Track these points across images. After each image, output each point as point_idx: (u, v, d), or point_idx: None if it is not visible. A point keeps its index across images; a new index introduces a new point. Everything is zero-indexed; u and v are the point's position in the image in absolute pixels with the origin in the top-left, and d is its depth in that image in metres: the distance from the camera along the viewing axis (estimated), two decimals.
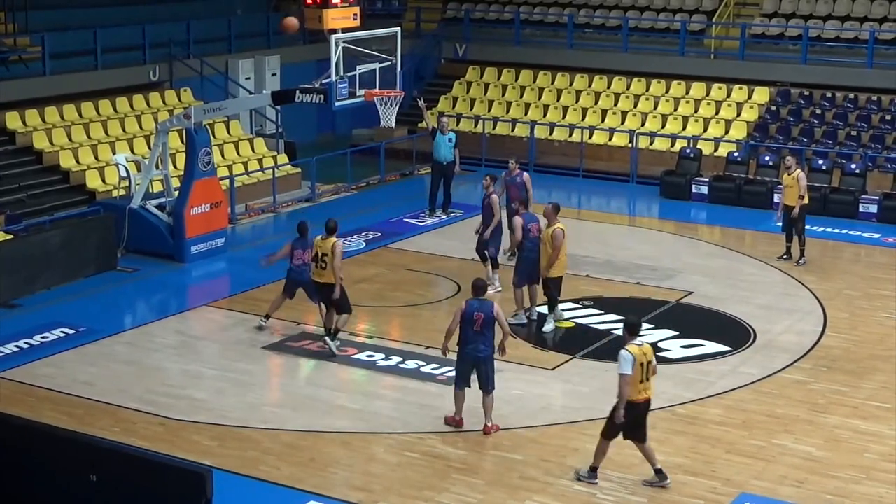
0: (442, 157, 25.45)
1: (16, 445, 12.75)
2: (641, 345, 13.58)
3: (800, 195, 22.05)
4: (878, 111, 29.40)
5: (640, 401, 13.52)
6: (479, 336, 15.00)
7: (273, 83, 30.66)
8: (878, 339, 18.81)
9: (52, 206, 23.80)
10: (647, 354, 13.50)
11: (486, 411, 15.22)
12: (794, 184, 22.11)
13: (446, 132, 25.62)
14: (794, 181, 22.12)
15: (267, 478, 14.02)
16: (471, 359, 15.12)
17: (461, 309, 15.03)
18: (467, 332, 15.00)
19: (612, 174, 29.61)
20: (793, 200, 22.13)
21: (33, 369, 17.25)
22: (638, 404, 13.52)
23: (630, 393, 13.37)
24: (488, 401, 15.21)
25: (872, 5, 31.65)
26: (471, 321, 14.95)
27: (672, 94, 31.56)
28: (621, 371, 13.33)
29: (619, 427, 13.61)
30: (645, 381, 13.47)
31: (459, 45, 34.58)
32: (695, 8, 33.65)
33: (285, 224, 25.86)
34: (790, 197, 22.22)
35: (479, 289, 15.15)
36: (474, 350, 15.06)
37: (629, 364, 13.30)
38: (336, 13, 21.67)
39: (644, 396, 13.55)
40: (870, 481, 14.07)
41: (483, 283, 15.41)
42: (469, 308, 14.98)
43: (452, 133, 25.92)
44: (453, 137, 25.67)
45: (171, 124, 23.19)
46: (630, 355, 13.33)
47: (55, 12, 28.35)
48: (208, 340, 18.86)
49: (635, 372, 13.32)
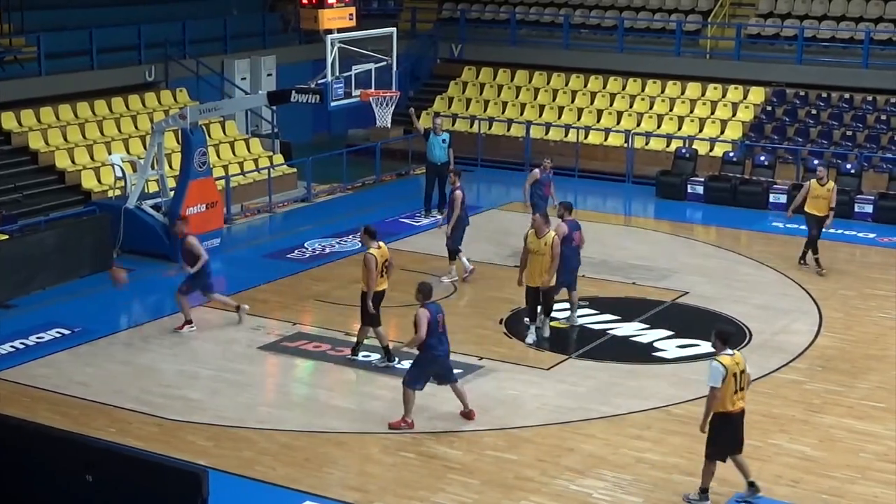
0: (436, 158, 25.43)
1: (11, 446, 12.74)
2: (733, 354, 13.14)
3: (831, 206, 21.89)
4: (873, 111, 29.44)
5: (735, 412, 13.12)
6: (443, 336, 15.18)
7: (269, 83, 30.66)
8: (874, 338, 18.84)
9: (47, 207, 23.79)
10: (739, 364, 13.07)
11: (463, 396, 15.51)
12: (827, 195, 21.86)
13: (440, 133, 25.60)
14: (828, 192, 21.86)
15: (262, 478, 14.02)
16: (441, 359, 15.23)
17: (427, 316, 14.95)
18: (435, 335, 15.04)
19: (607, 174, 29.63)
20: (824, 210, 21.86)
21: (29, 370, 17.24)
22: (734, 415, 13.13)
23: (725, 405, 12.97)
24: (459, 387, 15.52)
25: (868, 5, 31.69)
26: (437, 324, 15.03)
27: (668, 95, 31.59)
28: (711, 384, 12.91)
29: (724, 445, 13.20)
30: (739, 391, 13.05)
31: (455, 46, 34.60)
32: (690, 8, 33.69)
33: (281, 224, 25.89)
34: (820, 207, 21.84)
35: (429, 292, 15.19)
36: (444, 351, 15.24)
37: (720, 376, 12.85)
38: (332, 13, 21.68)
39: (739, 407, 13.14)
40: (865, 481, 14.09)
41: (430, 286, 15.44)
42: (433, 313, 15.01)
43: (446, 133, 25.91)
44: (447, 138, 25.65)
45: (167, 124, 23.17)
46: (722, 367, 12.89)
47: (51, 12, 28.35)
48: (204, 341, 18.85)
49: (728, 383, 12.88)
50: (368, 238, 17.18)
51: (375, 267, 16.87)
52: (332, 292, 20.79)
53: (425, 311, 14.99)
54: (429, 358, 15.19)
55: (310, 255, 23.03)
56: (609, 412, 15.92)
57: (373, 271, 16.83)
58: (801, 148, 28.55)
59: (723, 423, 13.11)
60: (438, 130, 25.64)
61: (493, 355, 17.81)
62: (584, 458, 14.53)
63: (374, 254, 16.94)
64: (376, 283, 16.96)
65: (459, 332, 18.76)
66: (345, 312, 19.59)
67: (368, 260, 16.92)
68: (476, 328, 19.05)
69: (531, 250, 17.99)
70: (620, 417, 15.78)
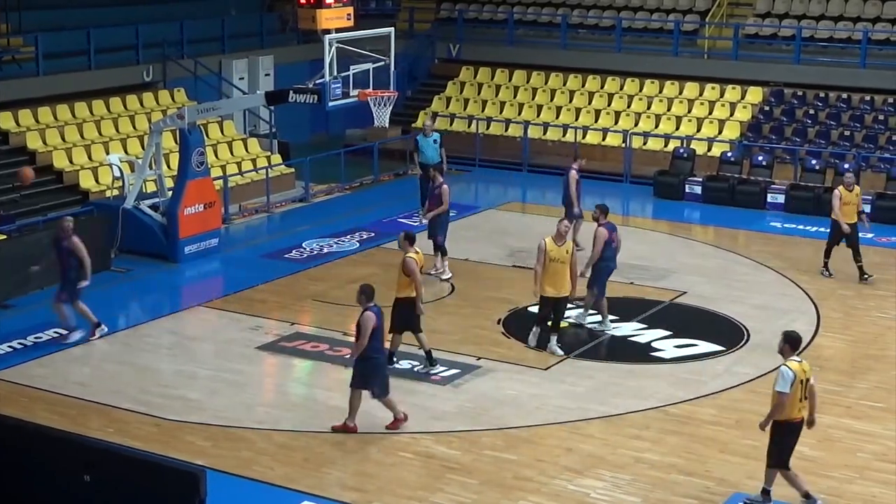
0: (428, 160, 25.11)
1: (9, 446, 12.73)
2: (801, 361, 13.01)
3: (859, 210, 21.72)
4: (870, 111, 29.45)
5: (798, 419, 12.99)
6: (382, 340, 14.97)
7: (266, 83, 30.65)
8: (872, 338, 18.84)
9: (45, 207, 23.76)
10: (806, 371, 12.93)
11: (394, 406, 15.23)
12: (856, 200, 21.66)
13: (429, 134, 25.26)
14: (857, 198, 21.66)
15: (261, 478, 14.01)
16: (382, 362, 15.06)
17: (373, 321, 14.57)
18: (379, 339, 14.80)
19: (605, 174, 29.60)
20: (853, 217, 21.61)
21: (27, 370, 17.22)
22: (797, 423, 13.00)
23: (790, 412, 12.81)
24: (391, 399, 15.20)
25: (865, 5, 31.70)
26: (381, 328, 14.78)
27: (665, 95, 31.59)
28: (779, 389, 12.75)
29: (789, 450, 13.02)
30: (803, 399, 12.90)
31: (453, 46, 34.59)
32: (688, 8, 33.69)
33: (279, 224, 25.88)
34: (850, 213, 21.55)
35: (371, 294, 14.80)
36: (383, 355, 15.04)
37: (789, 382, 12.70)
38: (329, 13, 21.69)
39: (802, 415, 13.00)
40: (863, 481, 14.09)
41: (373, 288, 14.92)
42: (378, 316, 14.72)
43: (437, 134, 25.59)
44: (438, 138, 25.33)
45: (165, 124, 23.17)
46: (791, 372, 12.75)
47: (49, 12, 28.32)
48: (202, 341, 18.85)
49: (795, 390, 12.75)
50: (408, 244, 16.90)
51: (419, 270, 16.68)
52: (330, 292, 20.79)
53: (371, 316, 14.60)
54: (374, 364, 14.84)
55: (308, 255, 23.03)
56: (607, 412, 15.92)
57: (417, 274, 16.60)
58: (798, 148, 28.55)
59: (788, 431, 12.96)
60: (428, 132, 25.32)
61: (491, 355, 17.81)
62: (583, 458, 14.53)
63: (415, 257, 16.75)
64: (411, 288, 16.70)
65: (457, 332, 18.79)
66: (343, 312, 19.58)
67: (409, 263, 16.63)
68: (474, 328, 19.04)
69: (552, 258, 17.52)
70: (619, 417, 15.78)
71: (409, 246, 16.93)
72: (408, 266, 16.66)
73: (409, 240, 17.02)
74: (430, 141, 25.12)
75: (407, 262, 16.69)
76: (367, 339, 14.60)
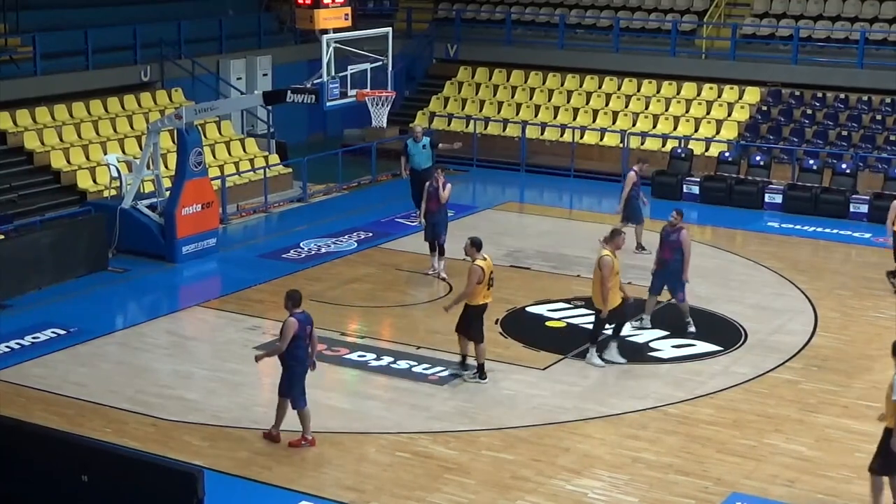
0: (417, 165, 23.90)
1: (7, 446, 12.73)
2: None
3: None
4: (868, 111, 29.47)
5: None
6: (310, 348, 14.65)
7: (264, 83, 30.65)
8: (869, 338, 18.84)
9: (42, 207, 23.77)
10: None
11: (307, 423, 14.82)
12: None
13: (420, 139, 24.03)
14: None
15: (258, 478, 14.02)
16: (300, 372, 14.66)
17: (293, 326, 14.32)
18: (301, 348, 14.50)
19: (603, 174, 29.63)
20: None
21: (24, 370, 17.22)
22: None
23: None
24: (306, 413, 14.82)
25: (863, 6, 31.73)
26: (304, 335, 14.51)
27: (663, 95, 31.60)
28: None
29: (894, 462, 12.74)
30: None
31: (451, 46, 34.60)
32: (686, 8, 33.71)
33: (276, 224, 25.88)
34: None
35: (298, 300, 14.55)
36: (305, 363, 14.67)
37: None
38: (327, 13, 21.68)
39: None
40: (861, 480, 14.06)
41: (300, 293, 14.64)
42: (302, 322, 14.44)
43: (426, 139, 24.43)
44: (427, 143, 24.22)
45: (163, 124, 23.17)
46: None
47: (46, 12, 28.32)
48: (200, 341, 18.85)
49: None
50: (475, 250, 16.63)
51: (480, 280, 16.41)
52: (328, 292, 20.79)
53: (294, 322, 14.40)
54: (296, 373, 14.64)
55: (305, 255, 23.03)
56: (605, 412, 15.92)
57: (474, 284, 16.39)
58: (796, 148, 28.56)
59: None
60: (419, 137, 24.11)
61: (488, 355, 17.76)
62: (580, 458, 14.54)
63: (481, 265, 16.48)
64: (481, 296, 16.56)
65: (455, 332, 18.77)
66: (340, 312, 19.60)
67: (474, 270, 16.40)
68: None
69: (617, 271, 17.10)
70: (616, 417, 15.79)
71: (475, 252, 16.62)
72: (470, 272, 16.43)
73: (476, 246, 16.68)
74: (420, 146, 24.18)
75: (471, 269, 16.45)
76: (285, 345, 14.42)
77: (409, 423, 15.49)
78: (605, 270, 16.92)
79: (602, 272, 16.93)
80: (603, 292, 17.00)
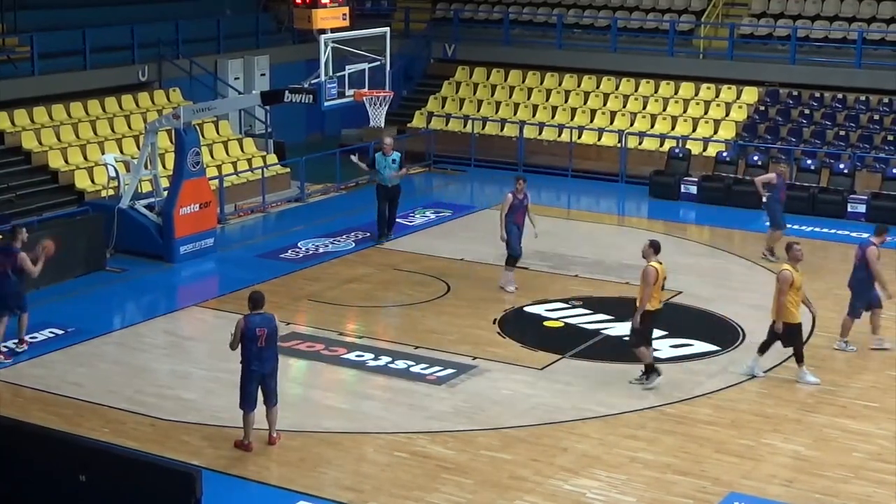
0: (384, 181, 23.57)
1: (5, 446, 12.72)
2: None
3: None
4: (866, 111, 29.48)
5: None
6: (263, 351, 14.44)
7: (262, 83, 30.66)
8: (867, 338, 18.83)
9: (40, 207, 23.75)
10: None
11: (271, 424, 14.76)
12: None
13: (389, 153, 23.49)
14: None
15: (256, 478, 14.02)
16: (256, 377, 14.51)
17: (241, 326, 14.29)
18: (251, 350, 14.35)
19: (601, 174, 29.64)
20: None
21: (22, 370, 17.21)
22: None
23: None
24: (273, 413, 14.72)
25: (860, 5, 31.73)
26: (254, 338, 14.36)
27: (661, 94, 31.61)
28: None
29: None
30: None
31: (449, 45, 34.59)
32: (683, 8, 33.71)
33: (274, 224, 25.88)
34: None
35: (257, 302, 14.40)
36: (259, 367, 14.48)
37: None
38: (325, 13, 21.69)
39: None
40: (858, 480, 14.10)
41: (261, 295, 14.52)
42: (250, 324, 14.31)
43: (396, 153, 23.71)
44: (397, 158, 23.60)
45: (161, 124, 23.17)
46: None
47: (44, 12, 28.31)
48: (197, 340, 18.85)
49: None
50: (652, 251, 16.48)
51: (654, 281, 16.26)
52: (326, 292, 20.79)
53: (240, 320, 14.39)
54: (243, 375, 14.58)
55: (303, 255, 23.03)
56: (603, 412, 15.93)
57: (650, 285, 16.25)
58: (794, 148, 28.58)
59: None
60: (388, 150, 23.49)
61: (487, 355, 17.81)
62: (578, 458, 14.54)
63: (656, 267, 16.35)
64: (655, 300, 16.41)
65: (453, 332, 18.80)
66: (338, 312, 19.60)
67: (649, 272, 16.26)
68: (470, 328, 19.04)
69: (798, 286, 16.77)
70: (614, 417, 15.79)
71: (652, 254, 16.48)
72: (645, 274, 16.28)
73: (654, 248, 16.52)
74: (389, 161, 23.49)
75: (646, 271, 16.32)
76: (234, 343, 14.44)
77: (407, 422, 15.49)
78: (782, 284, 16.66)
79: (779, 286, 16.68)
80: (778, 306, 16.78)
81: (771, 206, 22.94)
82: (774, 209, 22.88)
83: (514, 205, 20.87)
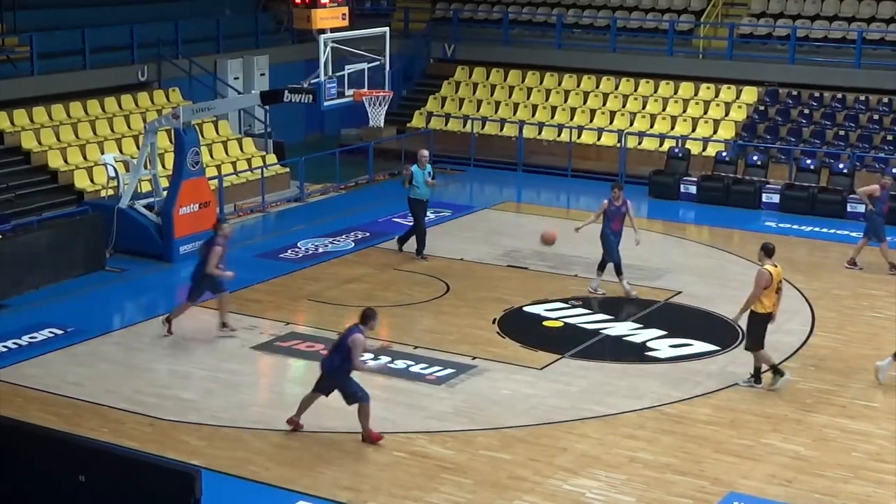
0: (420, 196, 22.60)
1: (5, 446, 12.72)
2: None
3: None
4: (865, 111, 29.49)
5: None
6: None
7: (262, 83, 30.65)
8: (866, 338, 18.86)
9: (40, 207, 23.75)
10: None
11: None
12: None
13: (424, 166, 22.57)
14: None
15: (256, 478, 14.01)
16: None
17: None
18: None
19: (600, 174, 29.61)
20: None
21: (21, 370, 17.21)
22: None
23: None
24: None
25: (860, 5, 31.74)
26: None
27: (660, 94, 31.61)
28: None
29: None
30: None
31: (448, 45, 34.60)
32: (683, 8, 33.71)
33: (274, 224, 25.88)
34: None
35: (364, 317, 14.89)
36: None
37: None
38: (324, 13, 21.69)
39: None
40: (858, 480, 14.10)
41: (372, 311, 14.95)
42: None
43: (430, 166, 22.83)
44: (430, 170, 22.76)
45: (160, 124, 23.16)
46: None
47: (43, 12, 28.30)
48: (197, 341, 18.83)
49: None
50: (765, 255, 16.51)
51: (767, 285, 16.27)
52: (325, 292, 20.79)
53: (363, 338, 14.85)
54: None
55: (303, 255, 23.03)
56: (602, 412, 15.93)
57: (759, 288, 16.28)
58: (793, 148, 28.58)
59: None
60: (424, 163, 22.58)
61: (486, 355, 17.81)
62: (578, 458, 14.54)
63: (770, 270, 16.37)
64: (769, 303, 16.43)
65: (453, 332, 18.80)
66: (338, 312, 19.59)
67: (761, 274, 16.32)
68: (469, 328, 19.04)
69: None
70: (614, 417, 15.79)
71: (766, 258, 16.48)
72: (758, 277, 16.30)
73: (767, 252, 16.52)
74: (426, 173, 22.56)
75: (759, 273, 16.34)
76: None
77: (406, 422, 15.49)
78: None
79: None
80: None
81: (873, 220, 22.26)
82: (877, 222, 22.16)
83: (611, 211, 20.60)
